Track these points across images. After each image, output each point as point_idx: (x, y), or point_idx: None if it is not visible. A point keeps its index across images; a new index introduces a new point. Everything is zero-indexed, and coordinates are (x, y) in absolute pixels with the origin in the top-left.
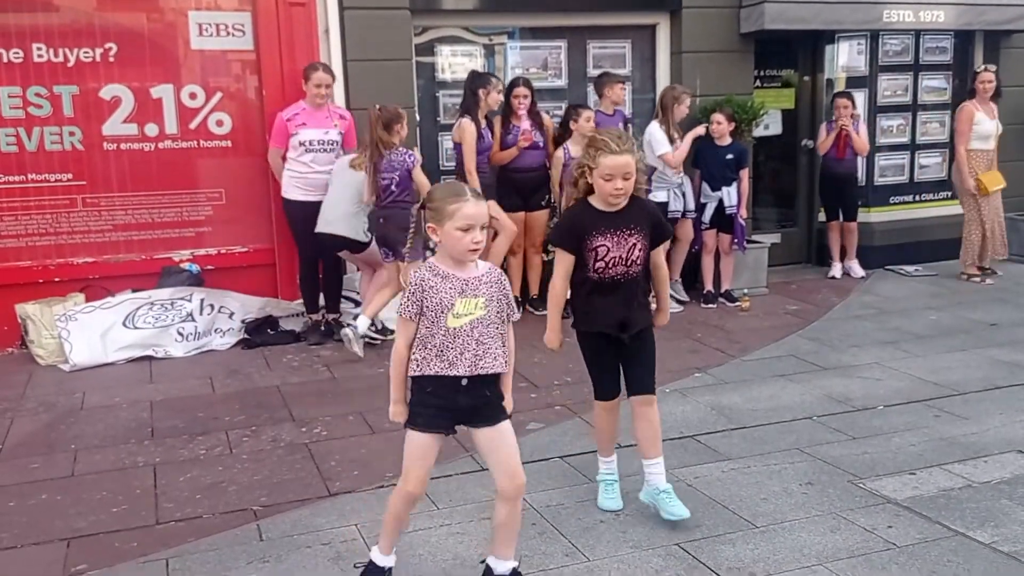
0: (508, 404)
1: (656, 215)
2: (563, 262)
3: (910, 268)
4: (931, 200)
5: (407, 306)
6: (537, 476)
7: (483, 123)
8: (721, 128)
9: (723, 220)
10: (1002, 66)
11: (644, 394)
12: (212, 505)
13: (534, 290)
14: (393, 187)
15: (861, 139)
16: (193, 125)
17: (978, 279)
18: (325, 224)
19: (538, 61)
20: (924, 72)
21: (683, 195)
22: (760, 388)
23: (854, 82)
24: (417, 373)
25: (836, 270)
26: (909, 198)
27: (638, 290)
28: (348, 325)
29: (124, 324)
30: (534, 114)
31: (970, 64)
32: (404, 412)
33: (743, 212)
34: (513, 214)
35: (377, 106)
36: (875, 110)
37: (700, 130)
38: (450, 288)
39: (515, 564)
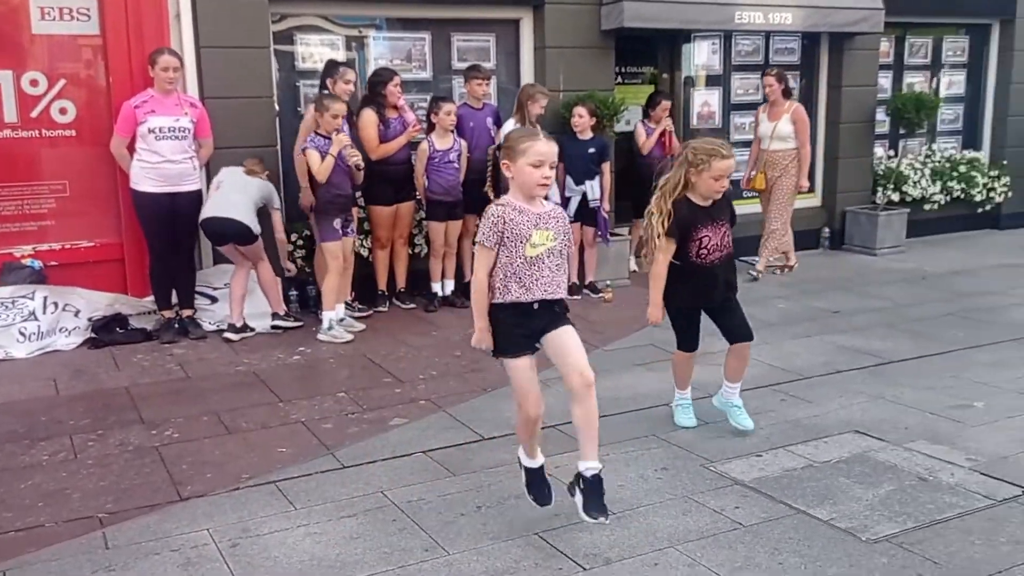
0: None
1: (732, 205)
2: (668, 250)
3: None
4: None
5: (488, 235)
6: (399, 472)
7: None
8: (583, 122)
9: (586, 213)
10: (845, 67)
11: (744, 341)
12: (54, 513)
13: (401, 283)
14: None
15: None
16: (34, 114)
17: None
18: (219, 209)
19: (402, 53)
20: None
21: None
22: (620, 377)
23: (710, 80)
24: (498, 300)
25: None
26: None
27: (731, 270)
28: (321, 332)
29: None
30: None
31: (817, 64)
32: (489, 338)
33: (606, 205)
34: (385, 207)
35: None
36: (729, 108)
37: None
38: (527, 221)
39: (598, 468)
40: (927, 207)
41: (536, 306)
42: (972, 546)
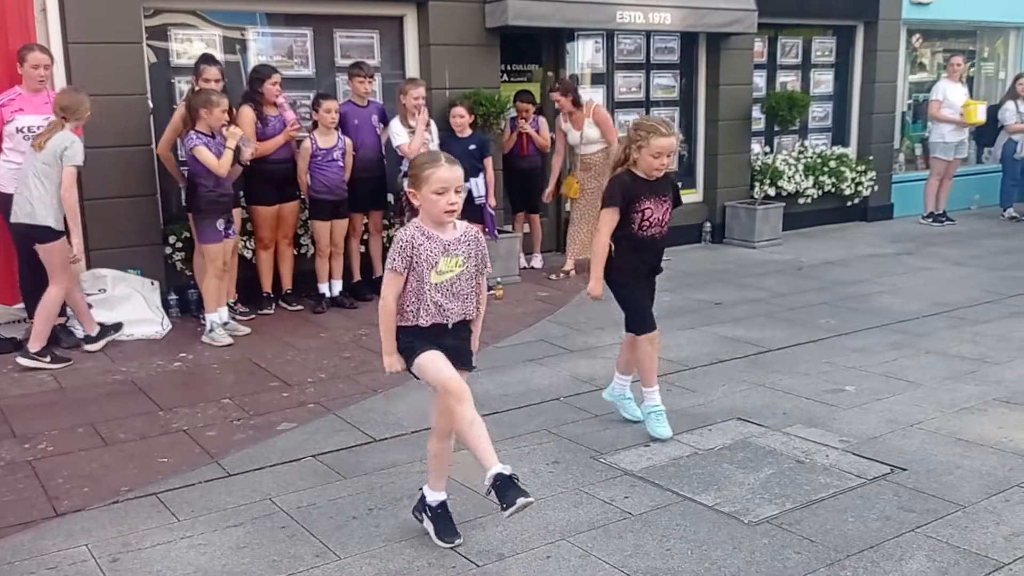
0: (475, 344)
1: (676, 186)
2: (611, 222)
3: None
4: None
5: (397, 261)
6: (287, 478)
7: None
8: (464, 122)
9: (472, 210)
10: (721, 66)
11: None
12: None
13: (286, 284)
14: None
15: (541, 137)
16: None
17: (564, 274)
18: (17, 210)
19: (283, 49)
20: (655, 71)
21: None
22: (512, 373)
23: (595, 78)
24: (410, 323)
25: (536, 261)
26: None
27: (663, 246)
28: (207, 332)
29: None
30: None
31: (695, 64)
32: (399, 362)
33: (491, 201)
34: (267, 207)
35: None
36: (613, 105)
37: (423, 119)
38: (434, 247)
39: (443, 498)
40: (801, 201)
41: (450, 326)
42: (845, 523)
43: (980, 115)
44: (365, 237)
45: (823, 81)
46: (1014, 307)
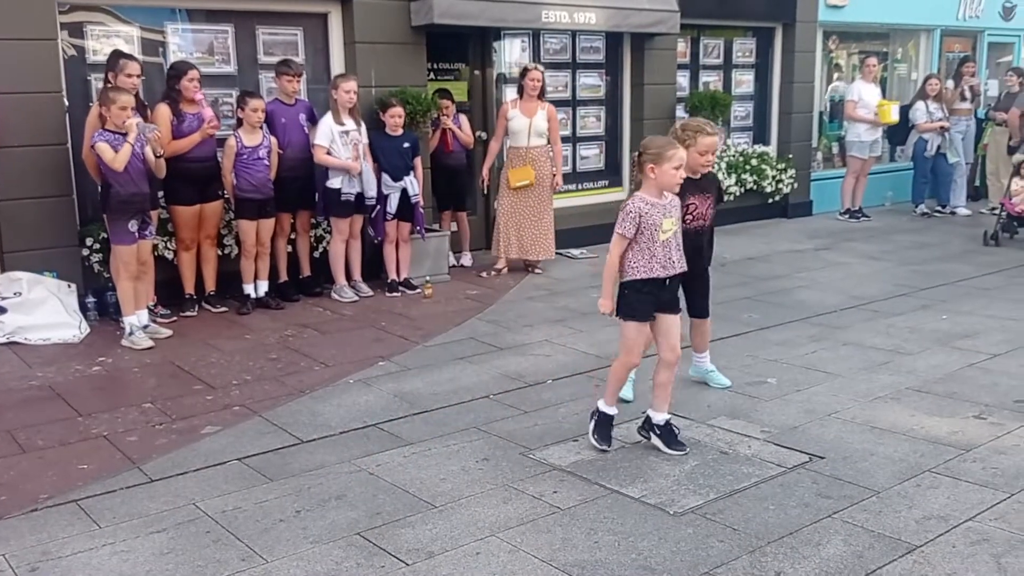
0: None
1: (719, 183)
2: None
3: (576, 251)
4: (592, 188)
5: (627, 226)
6: (212, 482)
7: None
8: (400, 120)
9: (406, 209)
10: (646, 66)
11: (699, 318)
12: None
13: (210, 285)
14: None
15: (464, 133)
16: None
17: (495, 272)
18: None
19: (203, 46)
20: (581, 70)
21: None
22: (441, 372)
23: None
24: (637, 276)
25: (465, 259)
26: (573, 187)
27: (708, 239)
28: (127, 335)
29: None
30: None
31: (621, 63)
32: (611, 306)
33: (421, 200)
34: (187, 207)
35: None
36: None
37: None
38: (657, 212)
39: (668, 417)
40: (725, 198)
41: (667, 281)
42: (766, 511)
43: (893, 115)
44: (292, 237)
45: (744, 81)
46: (925, 300)
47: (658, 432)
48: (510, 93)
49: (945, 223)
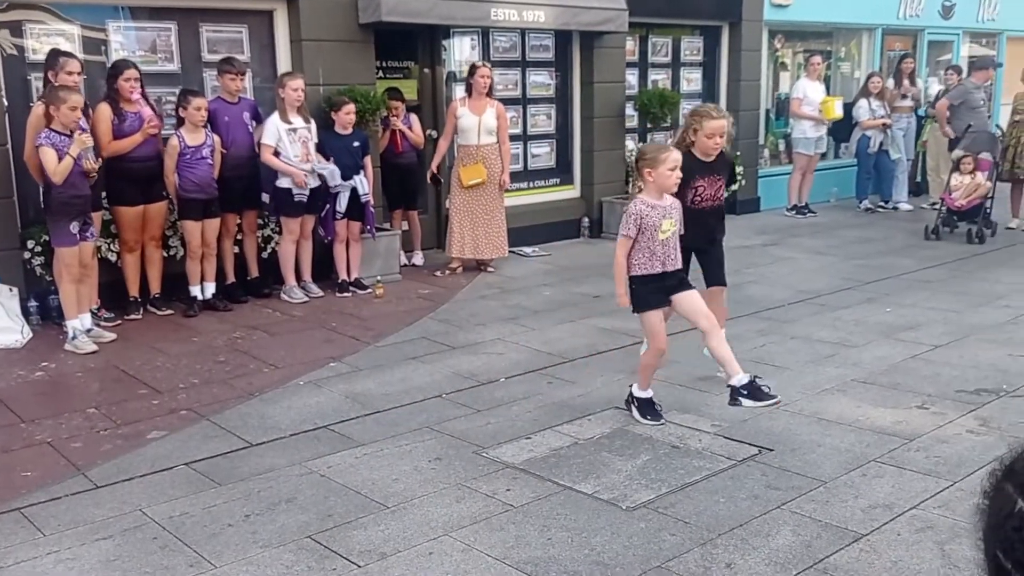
0: None
1: (732, 165)
2: None
3: (528, 249)
4: (543, 187)
5: (630, 228)
6: (159, 487)
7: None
8: (353, 119)
9: (357, 208)
10: (595, 64)
11: (716, 285)
12: None
13: (155, 288)
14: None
15: (414, 133)
16: None
17: (450, 271)
18: None
19: (146, 44)
20: (531, 68)
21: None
22: (393, 372)
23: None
24: (642, 272)
25: (416, 258)
26: (524, 185)
27: (718, 218)
28: (70, 339)
29: None
30: (145, 98)
31: (570, 62)
32: (627, 299)
33: (372, 200)
34: (130, 208)
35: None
36: None
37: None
38: (657, 214)
39: (746, 378)
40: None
41: (666, 275)
42: (717, 504)
43: (837, 110)
44: (239, 237)
45: (692, 79)
46: (870, 293)
47: (745, 392)
48: (460, 91)
49: (888, 218)
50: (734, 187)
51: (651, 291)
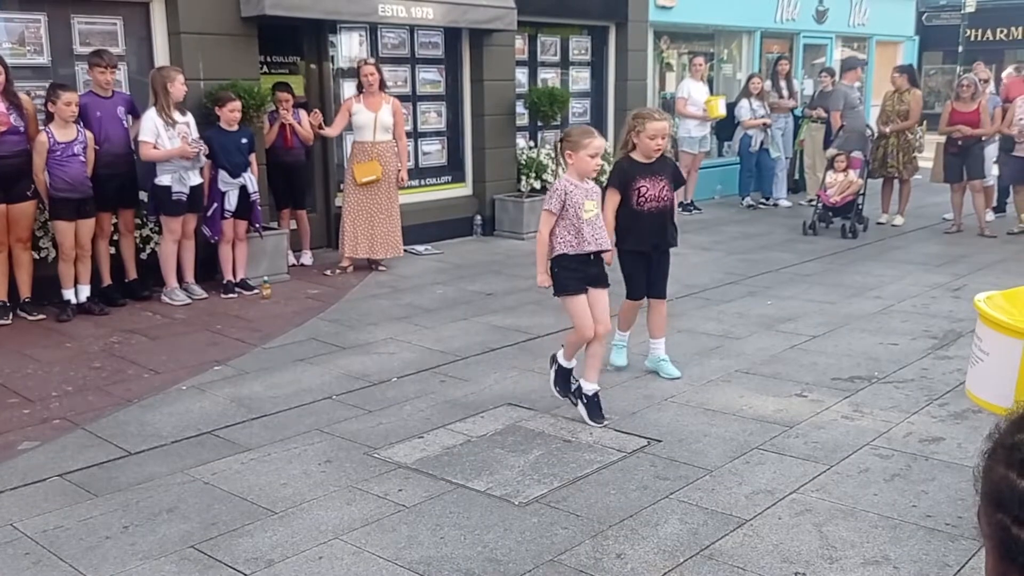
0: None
1: (675, 167)
2: (612, 200)
3: (421, 247)
4: (435, 184)
5: (553, 203)
6: (31, 500)
7: None
8: (238, 115)
9: (245, 207)
10: (485, 62)
11: (656, 298)
12: None
13: (25, 291)
14: None
15: (304, 129)
16: None
17: (340, 270)
18: None
19: (14, 36)
20: (420, 65)
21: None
22: (281, 374)
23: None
24: (564, 252)
25: (305, 258)
26: (416, 183)
27: (667, 219)
28: None
29: None
30: (11, 94)
31: (460, 60)
32: (548, 280)
33: (259, 198)
34: None
35: None
36: None
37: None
38: (580, 193)
39: (593, 390)
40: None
41: (592, 257)
42: (608, 496)
43: (721, 109)
44: (116, 238)
45: (581, 78)
46: (751, 287)
47: (585, 401)
48: (348, 88)
49: (769, 214)
50: (680, 189)
51: (571, 276)
